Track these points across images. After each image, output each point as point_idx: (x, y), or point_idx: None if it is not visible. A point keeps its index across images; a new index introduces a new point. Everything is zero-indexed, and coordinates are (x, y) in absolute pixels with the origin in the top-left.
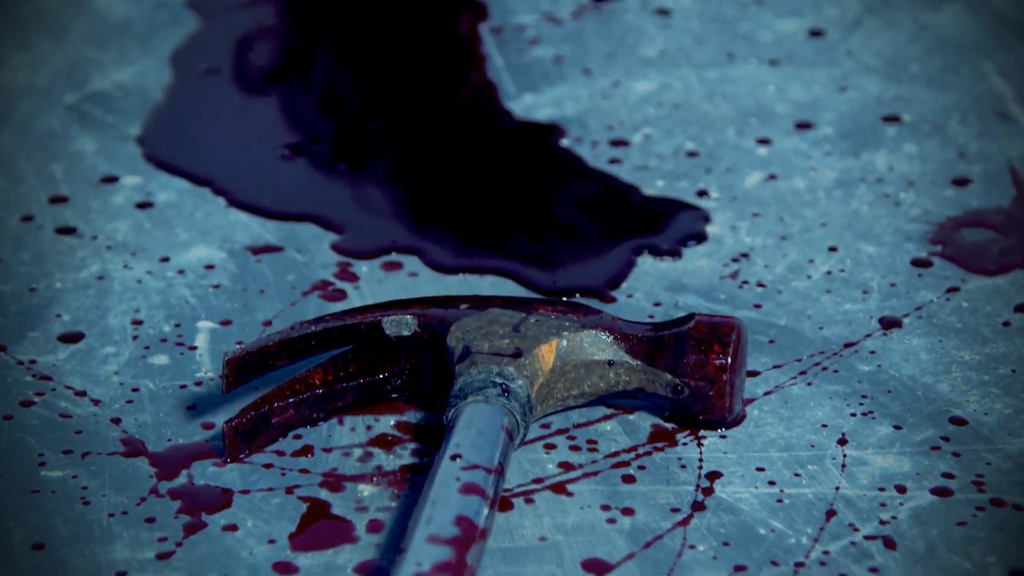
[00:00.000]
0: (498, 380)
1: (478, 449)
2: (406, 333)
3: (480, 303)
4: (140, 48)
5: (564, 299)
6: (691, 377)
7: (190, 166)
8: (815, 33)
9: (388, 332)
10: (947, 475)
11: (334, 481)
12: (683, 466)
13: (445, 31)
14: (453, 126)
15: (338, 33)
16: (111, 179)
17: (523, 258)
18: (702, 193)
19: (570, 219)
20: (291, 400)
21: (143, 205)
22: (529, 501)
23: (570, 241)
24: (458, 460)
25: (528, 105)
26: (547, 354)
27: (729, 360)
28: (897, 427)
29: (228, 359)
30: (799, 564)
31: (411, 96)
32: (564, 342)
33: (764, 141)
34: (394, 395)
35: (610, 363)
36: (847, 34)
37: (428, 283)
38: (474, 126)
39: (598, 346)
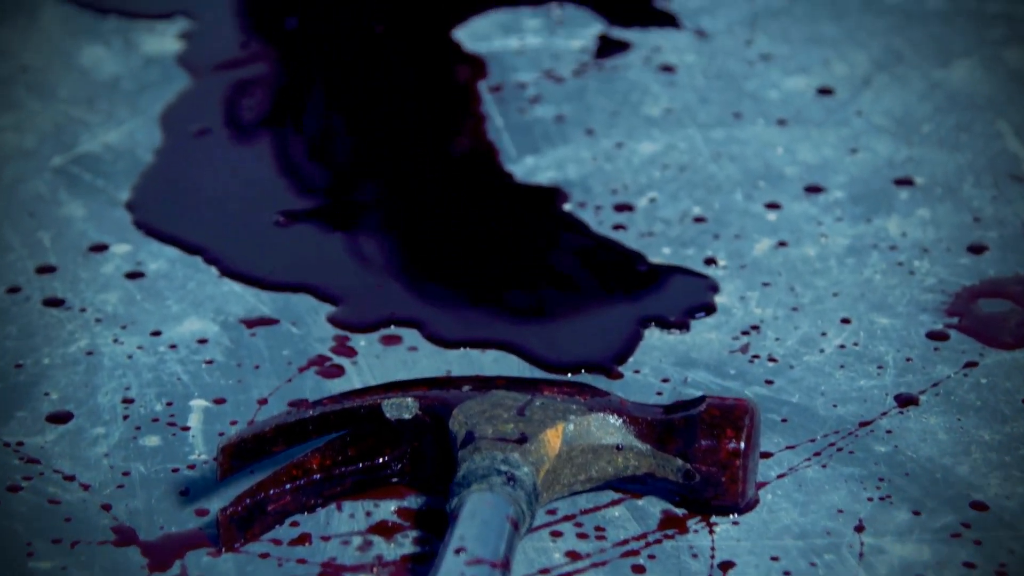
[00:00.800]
0: (503, 468)
1: (482, 542)
2: (407, 417)
3: (483, 384)
4: (129, 108)
5: (570, 375)
6: (703, 462)
7: (181, 233)
8: (824, 91)
9: (388, 416)
10: (968, 564)
11: (333, 572)
12: (695, 555)
13: (444, 90)
14: (452, 191)
15: (332, 92)
16: (100, 247)
17: (526, 331)
18: (710, 261)
19: (575, 289)
20: (288, 486)
21: (133, 275)
22: None
23: (575, 313)
24: (462, 554)
25: (529, 168)
26: (553, 439)
27: (742, 445)
28: (916, 512)
29: (223, 446)
30: None
31: (408, 159)
32: (571, 426)
33: (773, 205)
34: (395, 479)
35: (618, 447)
36: (856, 92)
37: (428, 358)
38: (474, 191)
39: (606, 430)
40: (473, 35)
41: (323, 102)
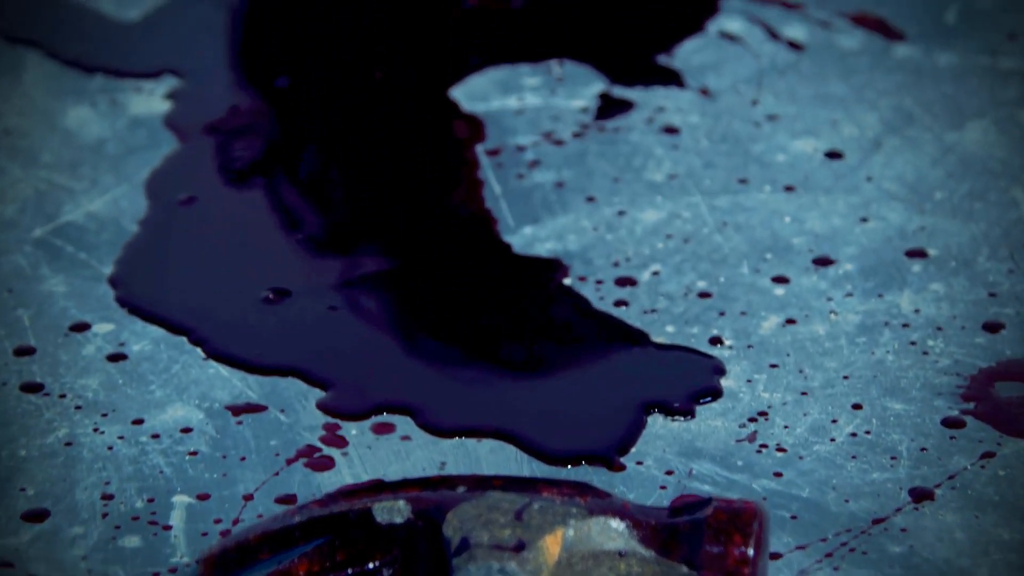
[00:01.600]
0: None
1: None
2: (399, 521)
3: (478, 484)
4: (114, 173)
5: (569, 467)
6: (710, 569)
7: (166, 311)
8: (832, 155)
9: (379, 520)
10: None
11: None
12: None
13: (440, 154)
14: (449, 264)
15: (325, 158)
16: (82, 326)
17: (523, 418)
18: (715, 340)
19: (575, 372)
20: None
21: (116, 357)
22: None
23: (574, 398)
24: None
25: (528, 239)
26: (552, 546)
27: (751, 551)
28: None
29: (204, 558)
30: None
31: (405, 231)
32: (571, 531)
33: (781, 279)
34: None
35: (621, 554)
36: (866, 156)
37: (422, 447)
38: (470, 264)
39: (608, 535)
40: (471, 94)
41: (316, 168)
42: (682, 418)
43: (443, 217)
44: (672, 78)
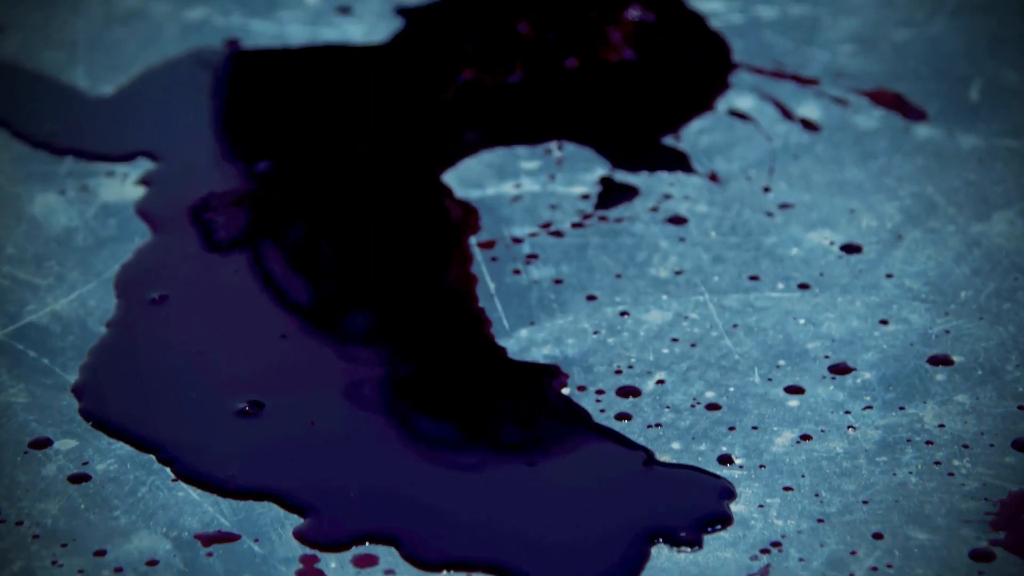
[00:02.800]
0: None
1: None
2: None
3: None
4: (82, 268)
5: None
6: None
7: (133, 426)
8: (850, 249)
9: None
10: None
11: None
12: None
13: (431, 247)
14: (436, 375)
15: (306, 255)
16: (43, 442)
17: (516, 550)
18: (725, 459)
19: (574, 496)
20: None
21: (78, 478)
22: None
23: (573, 525)
24: None
25: (524, 343)
26: None
27: None
28: None
29: None
30: None
31: (388, 335)
32: None
33: (795, 389)
34: None
35: None
36: (886, 251)
37: None
38: (462, 372)
39: None
40: (464, 179)
41: (293, 270)
42: (689, 549)
43: (433, 319)
44: (679, 162)
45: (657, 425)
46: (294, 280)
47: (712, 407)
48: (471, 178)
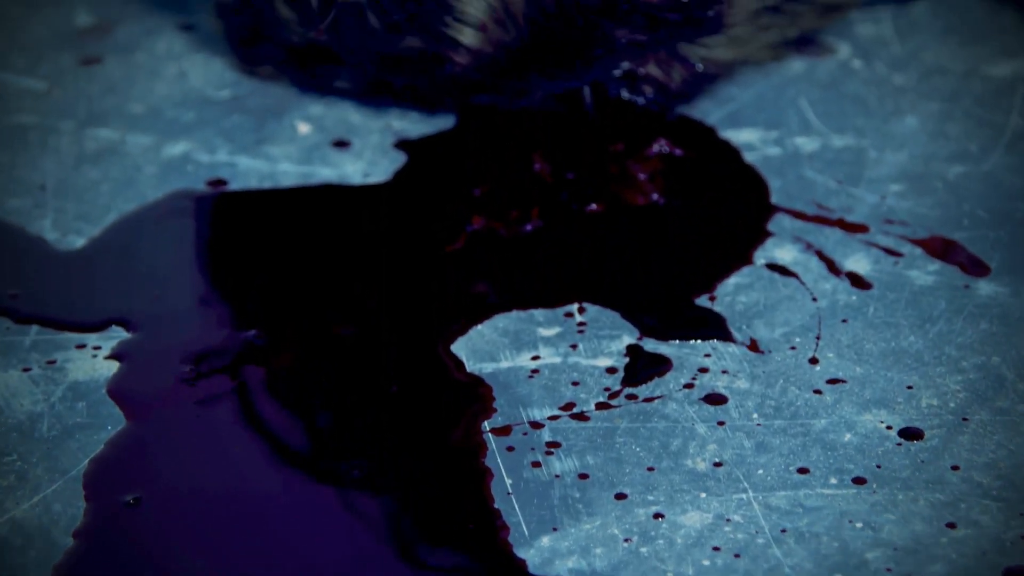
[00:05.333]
0: None
1: None
2: None
3: None
4: (47, 464)
5: None
6: None
7: None
8: (910, 435)
9: None
10: None
11: None
12: None
13: (438, 435)
14: None
15: (293, 447)
16: None
17: None
18: None
19: None
20: None
21: None
22: None
23: None
24: None
25: (546, 553)
26: None
27: None
28: None
29: None
30: None
31: (389, 544)
32: None
33: None
34: None
35: None
36: (951, 436)
37: None
38: None
39: None
40: (476, 350)
41: (288, 460)
42: None
43: (443, 527)
44: (715, 327)
45: None
46: (285, 480)
47: None
48: (483, 348)
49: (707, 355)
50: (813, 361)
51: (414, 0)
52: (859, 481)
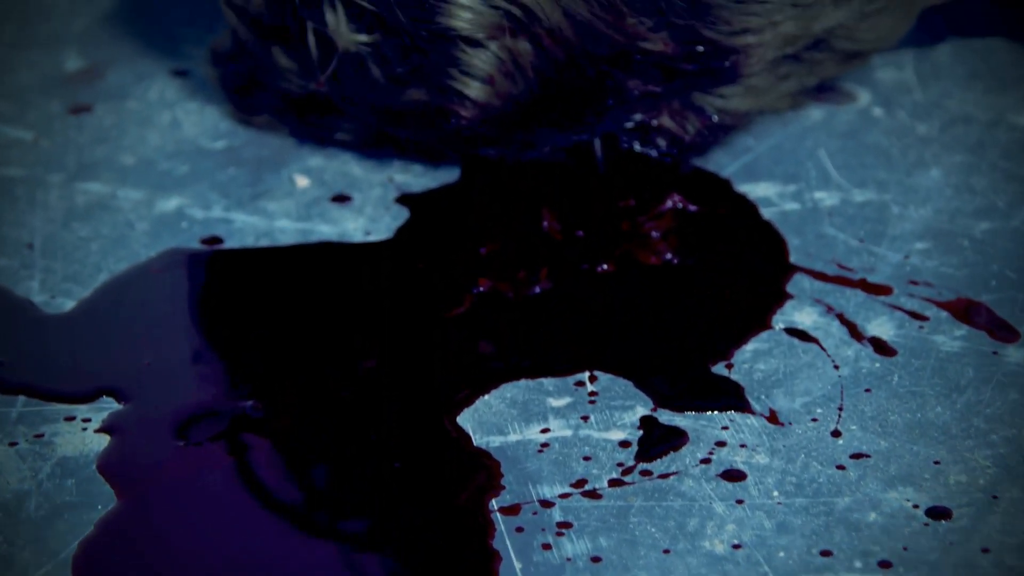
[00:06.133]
0: None
1: None
2: None
3: None
4: (34, 547)
5: None
6: None
7: None
8: (937, 514)
9: None
10: None
11: None
12: None
13: (441, 514)
14: None
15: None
16: None
17: None
18: None
19: None
20: None
21: None
22: None
23: None
24: None
25: None
26: None
27: None
28: None
29: None
30: None
31: None
32: None
33: None
34: None
35: None
36: (980, 516)
37: None
38: None
39: None
40: (481, 422)
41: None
42: None
43: None
44: (732, 397)
45: None
46: (284, 559)
47: None
48: (491, 420)
49: (724, 427)
50: (835, 434)
51: (418, 51)
52: (884, 565)
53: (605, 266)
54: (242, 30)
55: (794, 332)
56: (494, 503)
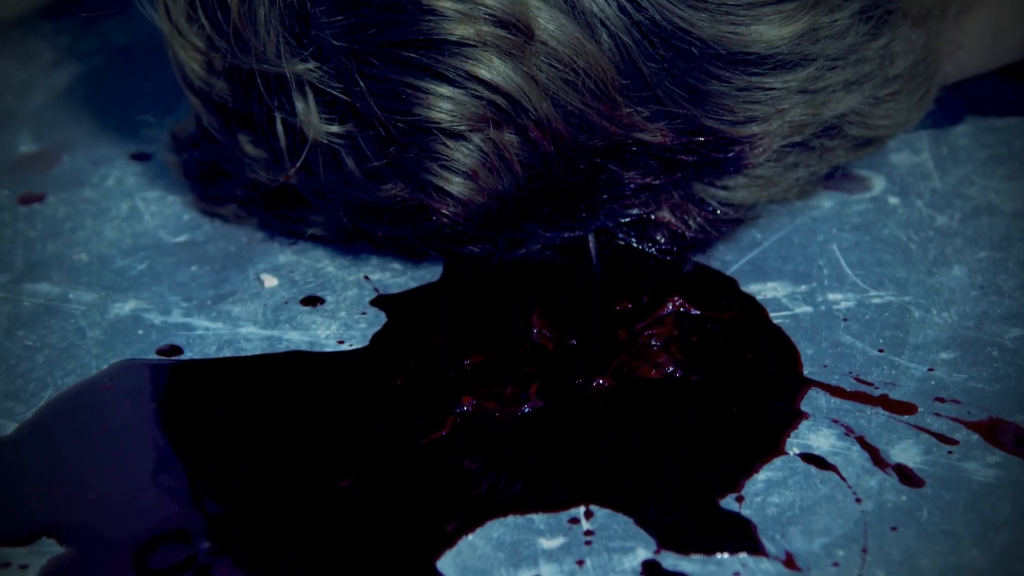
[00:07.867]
0: None
1: None
2: None
3: None
4: None
5: None
6: None
7: None
8: None
9: None
10: None
11: None
12: None
13: None
14: None
15: None
16: None
17: None
18: None
19: None
20: None
21: None
22: None
23: None
24: None
25: None
26: None
27: None
28: None
29: None
30: None
31: None
32: None
33: None
34: None
35: None
36: None
37: None
38: None
39: None
40: (464, 567)
41: None
42: None
43: None
44: (744, 537)
45: None
46: None
47: None
48: (476, 565)
49: (736, 573)
50: None
51: (396, 144)
52: None
53: (601, 381)
54: (206, 115)
55: (810, 459)
56: None
